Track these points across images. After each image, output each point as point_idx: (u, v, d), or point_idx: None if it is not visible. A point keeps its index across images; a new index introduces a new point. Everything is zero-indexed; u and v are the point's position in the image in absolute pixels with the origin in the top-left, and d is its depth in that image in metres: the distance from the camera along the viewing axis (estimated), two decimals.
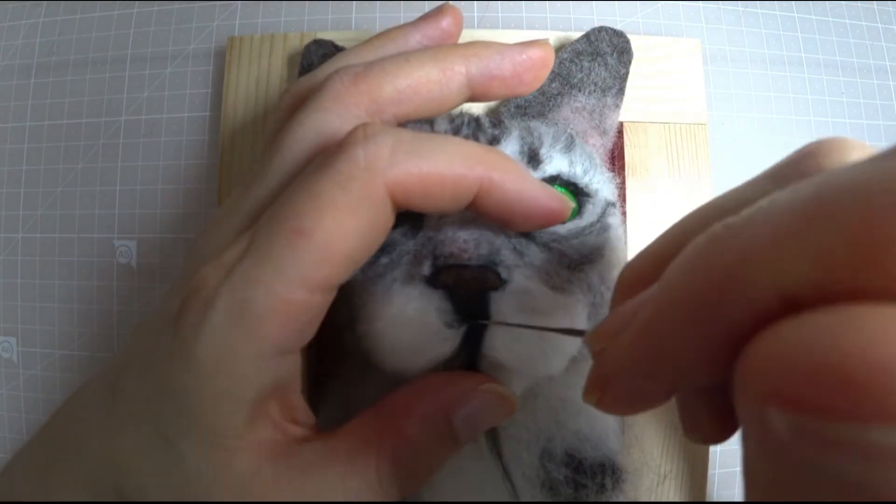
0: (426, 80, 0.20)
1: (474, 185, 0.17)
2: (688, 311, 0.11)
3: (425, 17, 0.23)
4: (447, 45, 0.22)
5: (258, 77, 0.33)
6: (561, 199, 0.19)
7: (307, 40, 0.32)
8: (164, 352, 0.18)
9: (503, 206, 0.18)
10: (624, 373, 0.13)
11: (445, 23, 0.23)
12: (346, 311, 0.21)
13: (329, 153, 0.17)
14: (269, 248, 0.16)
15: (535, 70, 0.21)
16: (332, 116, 0.19)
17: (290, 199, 0.16)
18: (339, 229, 0.16)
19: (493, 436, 0.21)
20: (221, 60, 0.35)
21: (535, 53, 0.21)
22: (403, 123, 0.21)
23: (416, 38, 0.23)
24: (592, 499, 0.22)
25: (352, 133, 0.17)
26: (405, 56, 0.20)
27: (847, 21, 0.36)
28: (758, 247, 0.10)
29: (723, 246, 0.10)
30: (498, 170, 0.17)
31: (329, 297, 0.17)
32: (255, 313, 0.16)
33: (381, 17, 0.35)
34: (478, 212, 0.18)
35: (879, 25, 0.36)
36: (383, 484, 0.17)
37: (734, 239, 0.10)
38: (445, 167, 0.17)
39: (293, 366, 0.18)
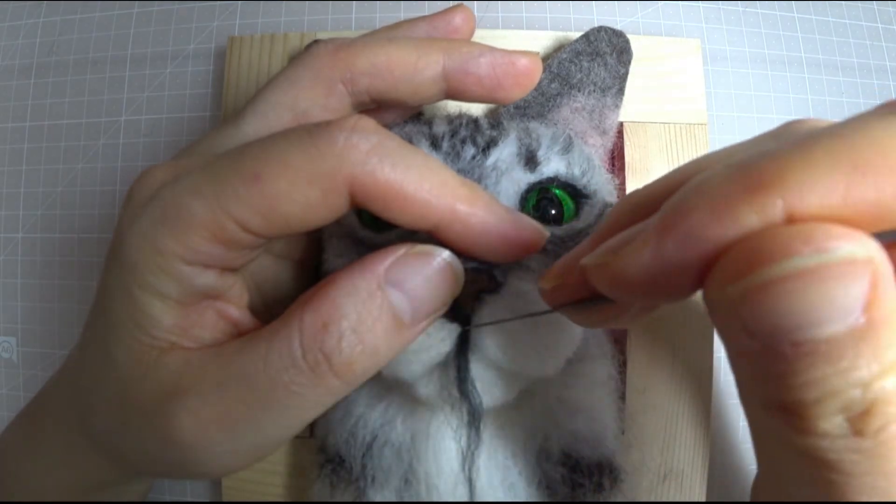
0: (401, 61, 0.20)
1: (436, 213, 0.17)
2: (683, 237, 0.12)
3: (437, 13, 0.23)
4: (435, 38, 0.22)
5: (258, 77, 0.33)
6: (532, 230, 0.18)
7: (307, 40, 0.32)
8: (108, 255, 0.19)
9: (465, 240, 0.18)
10: (615, 288, 0.14)
11: (457, 20, 0.23)
12: None
13: (315, 126, 0.17)
14: (223, 175, 0.17)
15: (517, 77, 0.21)
16: (307, 74, 0.20)
17: (262, 147, 0.17)
18: (290, 192, 0.16)
19: (470, 458, 0.21)
20: (221, 60, 0.35)
21: (519, 60, 0.21)
22: (389, 126, 0.21)
23: (421, 30, 0.23)
24: (590, 498, 0.23)
25: (343, 119, 0.17)
26: (389, 37, 0.21)
27: (847, 21, 0.36)
28: (760, 176, 0.11)
29: (723, 179, 0.12)
30: (464, 203, 0.17)
31: (258, 243, 0.18)
32: (187, 219, 0.17)
33: (381, 17, 0.35)
34: (441, 241, 0.18)
35: (879, 25, 0.36)
36: (308, 358, 0.16)
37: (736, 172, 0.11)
38: (412, 186, 0.17)
39: (229, 283, 0.19)
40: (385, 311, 0.17)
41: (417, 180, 0.17)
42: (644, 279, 0.13)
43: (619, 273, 0.13)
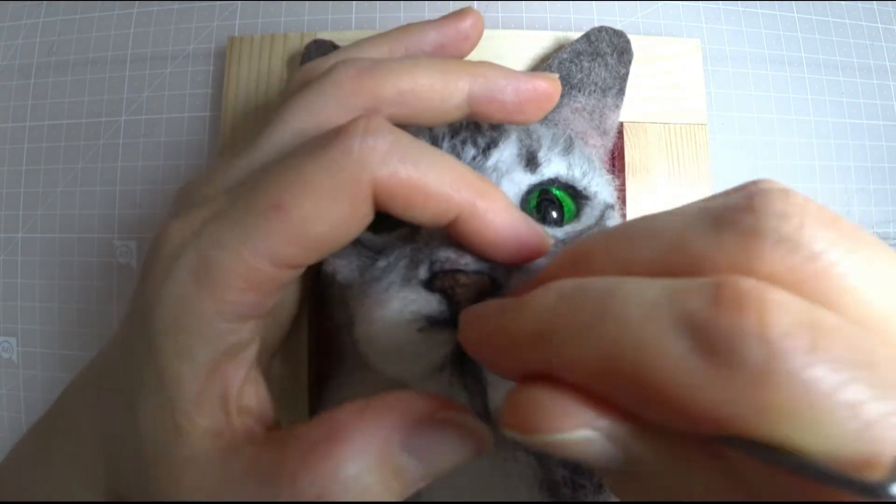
0: (428, 88, 0.19)
1: (456, 208, 0.17)
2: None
3: (446, 17, 0.23)
4: (457, 60, 0.22)
5: (258, 77, 0.33)
6: (540, 235, 0.18)
7: (307, 40, 0.32)
8: (133, 313, 0.18)
9: (480, 236, 0.18)
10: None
11: (465, 25, 0.23)
12: (344, 313, 0.21)
13: (325, 137, 0.17)
14: (244, 216, 0.16)
15: (539, 102, 0.20)
16: (330, 102, 0.19)
17: (276, 173, 0.16)
18: (317, 212, 0.16)
19: None
20: (221, 60, 0.35)
21: (541, 85, 0.20)
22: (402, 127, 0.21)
23: (431, 37, 0.22)
24: (591, 499, 0.23)
25: (353, 123, 0.16)
26: (414, 61, 0.20)
27: (847, 21, 0.36)
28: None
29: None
30: (484, 198, 0.17)
31: (295, 275, 0.17)
32: (219, 274, 0.16)
33: (381, 17, 0.35)
34: (455, 236, 0.18)
35: (879, 25, 0.36)
36: None
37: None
38: (434, 182, 0.17)
39: (250, 332, 0.18)
40: (393, 475, 0.15)
41: (438, 176, 0.17)
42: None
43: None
